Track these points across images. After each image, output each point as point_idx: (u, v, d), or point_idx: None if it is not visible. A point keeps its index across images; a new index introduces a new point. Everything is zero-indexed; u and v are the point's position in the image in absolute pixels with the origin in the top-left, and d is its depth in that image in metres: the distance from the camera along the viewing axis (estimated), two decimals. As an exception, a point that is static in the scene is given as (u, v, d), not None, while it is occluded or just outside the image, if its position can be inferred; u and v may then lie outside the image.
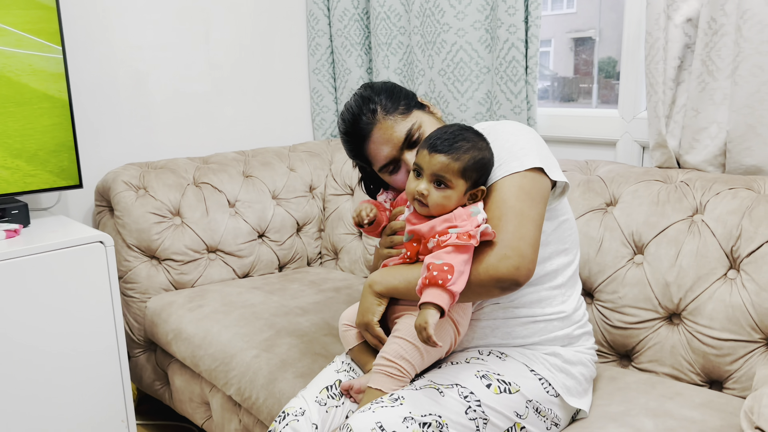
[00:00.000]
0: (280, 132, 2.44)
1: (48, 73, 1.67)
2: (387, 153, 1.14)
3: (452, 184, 1.05)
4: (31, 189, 1.69)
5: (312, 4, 2.40)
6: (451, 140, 1.05)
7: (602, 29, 2.36)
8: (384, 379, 1.05)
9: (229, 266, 1.99)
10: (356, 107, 1.16)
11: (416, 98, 1.20)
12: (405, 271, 1.09)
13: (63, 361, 1.58)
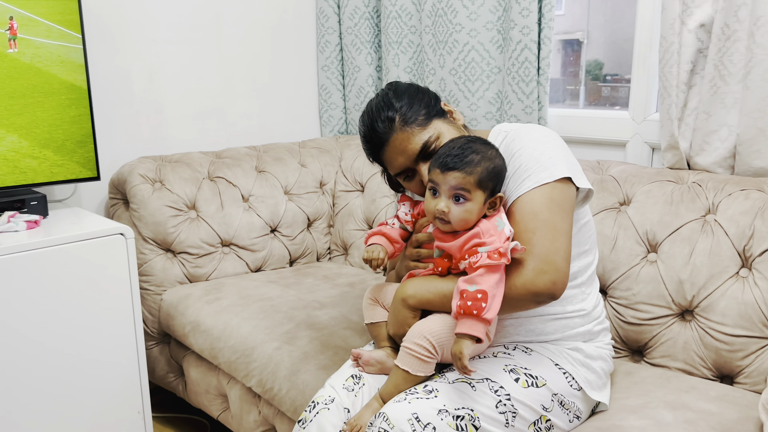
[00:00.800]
0: (288, 128, 2.46)
1: (72, 63, 1.68)
2: (402, 162, 1.15)
3: (470, 197, 1.06)
4: (55, 180, 1.70)
5: (322, 2, 2.42)
6: (461, 155, 1.06)
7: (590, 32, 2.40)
8: (412, 360, 1.06)
9: (242, 260, 2.02)
10: (376, 111, 1.16)
11: (439, 104, 1.18)
12: (438, 284, 1.10)
13: (81, 351, 1.59)
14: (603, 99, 2.30)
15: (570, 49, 2.43)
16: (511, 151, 1.13)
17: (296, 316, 1.62)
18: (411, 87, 1.19)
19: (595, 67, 2.34)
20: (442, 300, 1.08)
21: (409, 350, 1.07)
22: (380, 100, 1.17)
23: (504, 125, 1.22)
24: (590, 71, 2.32)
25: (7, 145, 1.62)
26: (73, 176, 1.73)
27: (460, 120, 1.21)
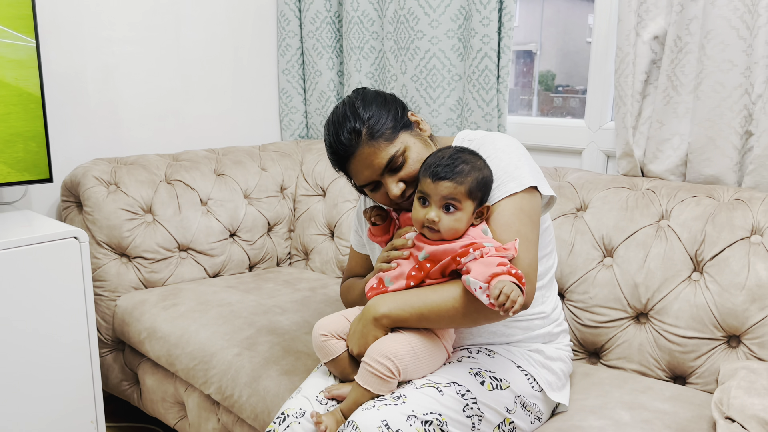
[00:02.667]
0: (248, 131, 2.43)
1: (20, 62, 1.62)
2: (367, 176, 1.14)
3: (461, 206, 1.07)
4: (4, 181, 1.63)
5: (283, 5, 2.40)
6: (452, 165, 1.07)
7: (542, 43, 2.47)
8: (373, 378, 1.04)
9: (200, 265, 1.97)
10: (342, 121, 1.13)
11: (406, 115, 1.17)
12: (413, 300, 1.07)
13: (32, 359, 1.53)
14: (555, 109, 2.36)
15: (523, 59, 2.49)
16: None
17: (257, 322, 1.59)
18: (379, 96, 1.16)
19: (547, 77, 2.39)
20: (418, 318, 1.06)
21: (371, 368, 1.05)
22: (347, 109, 1.14)
23: (467, 133, 1.23)
24: (542, 82, 2.38)
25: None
26: (16, 179, 1.66)
27: (427, 131, 1.20)
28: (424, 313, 1.06)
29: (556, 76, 2.42)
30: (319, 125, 2.45)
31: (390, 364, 1.04)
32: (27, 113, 1.65)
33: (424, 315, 1.06)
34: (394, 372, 1.04)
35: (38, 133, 1.67)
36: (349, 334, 1.14)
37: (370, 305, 1.10)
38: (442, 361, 1.12)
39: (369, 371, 1.05)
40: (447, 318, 1.07)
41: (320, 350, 1.16)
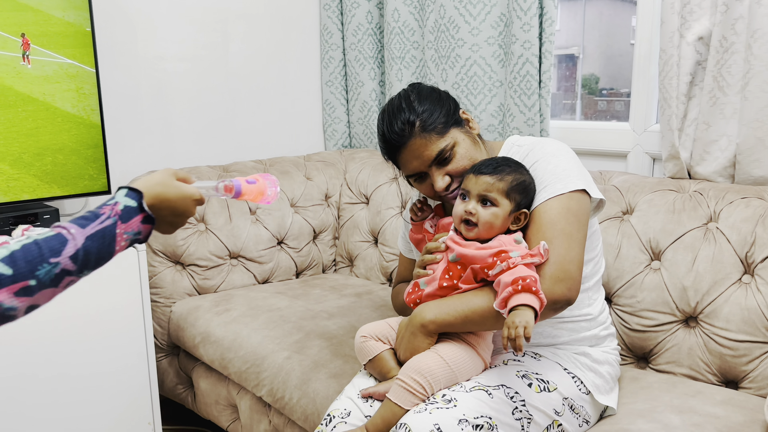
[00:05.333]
0: (293, 142, 2.49)
1: (79, 85, 1.71)
2: (416, 166, 1.18)
3: (498, 203, 1.10)
4: (65, 194, 1.73)
5: (326, 19, 2.46)
6: (495, 165, 1.13)
7: (585, 46, 2.45)
8: (405, 394, 1.06)
9: (250, 272, 2.04)
10: (397, 112, 1.17)
11: (458, 112, 1.21)
12: (457, 305, 1.09)
13: (92, 363, 1.61)
14: (599, 113, 2.34)
15: (566, 63, 2.48)
16: (527, 164, 1.17)
17: (305, 326, 1.64)
18: (433, 92, 1.21)
19: (590, 81, 2.38)
20: (463, 321, 1.08)
21: (404, 384, 1.06)
22: (402, 102, 1.18)
23: (516, 138, 1.26)
24: (586, 85, 2.37)
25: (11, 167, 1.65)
26: (83, 191, 1.76)
27: (476, 129, 1.24)
28: (468, 316, 1.08)
29: (599, 79, 2.40)
30: (362, 135, 2.49)
31: (423, 380, 1.06)
32: (81, 132, 1.75)
33: (469, 318, 1.08)
34: (426, 390, 1.06)
35: (93, 149, 1.77)
36: (397, 341, 1.16)
37: (416, 313, 1.13)
38: (478, 372, 1.13)
39: (402, 387, 1.06)
40: (492, 320, 1.08)
41: (359, 352, 1.20)
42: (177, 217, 0.87)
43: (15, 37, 1.61)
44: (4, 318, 0.67)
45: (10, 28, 1.60)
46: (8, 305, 0.67)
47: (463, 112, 1.23)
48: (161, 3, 2.10)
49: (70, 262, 0.72)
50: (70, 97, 1.71)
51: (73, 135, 1.72)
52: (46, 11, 1.64)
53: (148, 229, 0.83)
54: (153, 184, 0.84)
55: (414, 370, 1.07)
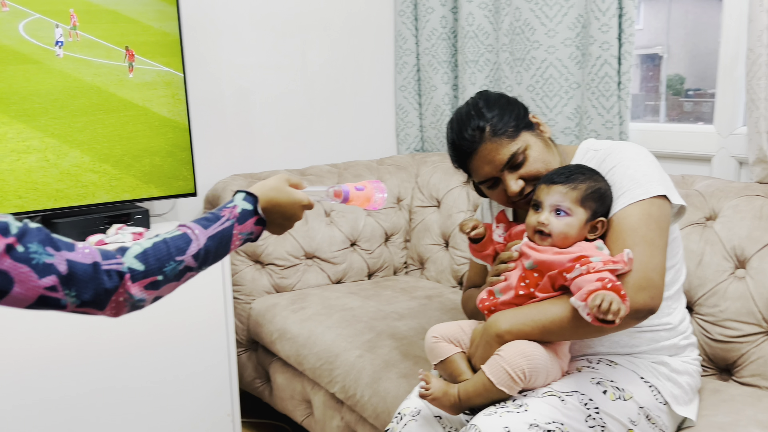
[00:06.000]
0: (366, 146, 2.55)
1: (169, 91, 1.83)
2: (488, 171, 1.18)
3: (572, 212, 1.08)
4: (157, 195, 1.85)
5: (400, 25, 2.50)
6: (568, 173, 1.11)
7: (670, 45, 2.35)
8: (502, 374, 1.04)
9: (324, 272, 2.10)
10: (466, 119, 1.18)
11: (528, 116, 1.20)
12: (533, 314, 1.08)
13: (178, 355, 1.71)
14: (685, 114, 2.25)
15: (649, 63, 2.40)
16: (604, 169, 1.15)
17: (376, 326, 1.67)
18: (502, 98, 1.21)
19: (676, 81, 2.29)
20: (541, 331, 1.07)
21: (506, 365, 1.05)
22: (470, 109, 1.19)
23: (592, 142, 1.24)
24: (671, 86, 2.28)
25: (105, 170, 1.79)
26: (171, 192, 1.88)
27: (547, 132, 1.23)
28: (546, 325, 1.07)
29: (685, 79, 2.32)
30: (434, 138, 2.51)
31: (525, 364, 1.04)
32: (175, 136, 1.86)
33: (546, 328, 1.07)
34: (526, 374, 1.04)
35: (180, 153, 1.88)
36: (471, 349, 1.16)
37: (491, 322, 1.12)
38: (557, 377, 1.11)
39: (502, 366, 1.05)
40: (570, 329, 1.06)
41: (430, 352, 1.19)
42: (286, 220, 0.94)
43: (120, 48, 1.75)
44: (134, 307, 0.75)
45: (115, 39, 1.74)
46: (138, 297, 0.74)
47: (533, 116, 1.22)
48: (245, 13, 2.21)
49: (192, 260, 0.79)
50: (166, 103, 1.83)
51: (169, 138, 1.85)
52: (146, 22, 1.78)
53: (260, 230, 0.89)
54: (267, 189, 0.90)
55: (517, 354, 1.05)
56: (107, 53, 1.73)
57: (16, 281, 0.67)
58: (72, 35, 1.69)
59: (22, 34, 1.61)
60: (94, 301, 0.73)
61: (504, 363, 1.05)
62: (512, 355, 1.06)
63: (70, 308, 0.72)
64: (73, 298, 0.71)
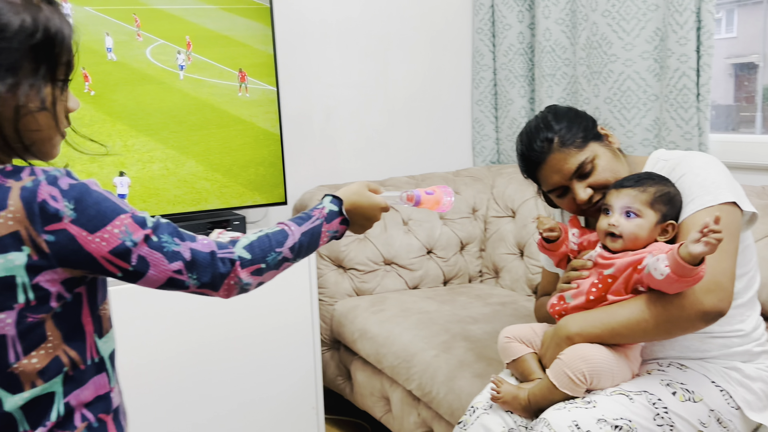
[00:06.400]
0: (442, 158, 2.64)
1: (263, 106, 2.01)
2: (557, 180, 1.23)
3: (642, 214, 1.12)
4: (252, 204, 2.03)
5: (478, 42, 2.59)
6: (637, 178, 1.16)
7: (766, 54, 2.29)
8: (564, 377, 1.10)
9: (401, 278, 2.21)
10: (534, 131, 1.24)
11: (596, 128, 1.26)
12: (603, 317, 1.12)
13: (267, 351, 1.86)
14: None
15: (744, 73, 2.35)
16: (674, 178, 1.19)
17: (452, 329, 1.76)
18: (570, 111, 1.27)
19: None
20: (611, 333, 1.11)
21: (566, 368, 1.10)
22: (539, 122, 1.25)
23: (662, 152, 1.27)
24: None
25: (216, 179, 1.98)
26: (264, 201, 2.05)
27: (616, 143, 1.27)
28: (615, 328, 1.11)
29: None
30: (510, 151, 2.57)
31: (584, 368, 1.09)
32: (268, 148, 2.03)
33: (615, 330, 1.11)
34: (587, 376, 1.10)
35: (277, 164, 2.05)
36: (542, 350, 1.22)
37: (561, 324, 1.17)
38: (626, 380, 1.14)
39: (563, 369, 1.11)
40: (639, 330, 1.10)
41: (503, 351, 1.26)
42: (366, 220, 1.05)
43: (233, 70, 1.95)
44: (242, 290, 0.88)
45: (229, 61, 1.94)
46: (246, 281, 0.87)
47: (601, 128, 1.26)
48: (333, 35, 2.37)
49: (289, 252, 0.92)
50: (269, 118, 2.01)
51: (271, 150, 2.02)
52: (253, 45, 1.97)
53: (344, 229, 1.01)
54: (351, 194, 1.03)
55: (577, 358, 1.10)
56: (220, 74, 1.93)
57: (151, 265, 0.81)
58: (189, 58, 1.90)
59: (149, 58, 1.84)
60: (211, 283, 0.85)
61: (564, 366, 1.11)
62: (572, 358, 1.11)
63: (192, 289, 0.85)
64: (194, 281, 0.84)
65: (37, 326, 0.75)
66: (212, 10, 1.93)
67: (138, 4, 1.82)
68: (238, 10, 1.96)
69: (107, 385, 0.84)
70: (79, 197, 0.75)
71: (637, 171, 1.27)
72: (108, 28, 1.78)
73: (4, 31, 0.73)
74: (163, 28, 1.85)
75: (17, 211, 0.72)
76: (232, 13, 1.96)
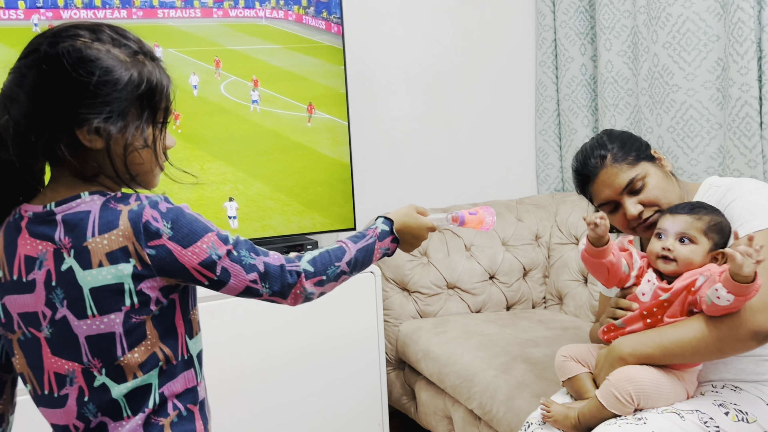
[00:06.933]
0: (505, 186, 2.71)
1: (335, 139, 2.17)
2: (607, 195, 1.29)
3: (696, 240, 1.17)
4: (324, 230, 2.18)
5: (541, 74, 2.67)
6: (691, 206, 1.21)
7: None
8: (611, 398, 1.14)
9: (464, 302, 2.29)
10: (589, 150, 1.33)
11: (649, 150, 1.32)
12: (656, 337, 1.16)
13: (336, 370, 1.98)
14: None
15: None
16: (724, 203, 1.23)
17: (512, 351, 1.81)
18: (624, 133, 1.35)
19: None
20: (663, 353, 1.14)
21: (612, 388, 1.15)
22: (595, 142, 1.34)
23: (714, 179, 1.32)
24: None
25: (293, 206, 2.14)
26: (335, 227, 2.20)
27: (669, 167, 1.33)
28: (667, 347, 1.14)
29: None
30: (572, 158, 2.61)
31: (631, 389, 1.14)
32: (340, 179, 2.18)
33: (668, 349, 1.14)
34: (633, 397, 1.14)
35: (347, 192, 2.19)
36: (596, 370, 1.27)
37: (614, 345, 1.21)
38: (681, 399, 1.18)
39: (610, 390, 1.16)
40: (692, 350, 1.14)
41: (559, 369, 1.32)
42: (415, 239, 1.16)
43: (302, 104, 2.14)
44: (306, 299, 1.00)
45: (298, 95, 2.13)
46: (310, 291, 0.99)
47: (654, 151, 1.33)
48: (399, 72, 2.52)
49: (346, 266, 1.03)
50: (332, 149, 2.17)
51: (335, 181, 2.18)
52: (319, 81, 2.15)
53: (395, 247, 1.12)
54: (401, 215, 1.14)
55: (624, 379, 1.15)
56: (287, 106, 2.11)
57: (232, 275, 0.94)
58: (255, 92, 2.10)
59: (223, 92, 2.04)
60: (281, 292, 0.97)
61: (612, 387, 1.15)
62: (619, 379, 1.15)
63: (265, 297, 0.98)
64: (267, 289, 0.96)
65: (139, 326, 0.89)
66: (290, 50, 2.13)
67: (216, 45, 2.03)
68: (312, 51, 2.14)
69: (195, 380, 0.97)
70: (175, 218, 0.89)
71: (690, 196, 1.32)
72: (192, 69, 2.00)
73: (117, 84, 0.88)
74: (237, 66, 2.05)
75: (126, 230, 0.87)
76: (309, 54, 2.14)
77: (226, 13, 2.05)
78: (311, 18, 2.14)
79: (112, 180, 0.93)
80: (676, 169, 2.11)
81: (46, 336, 0.90)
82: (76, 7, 1.84)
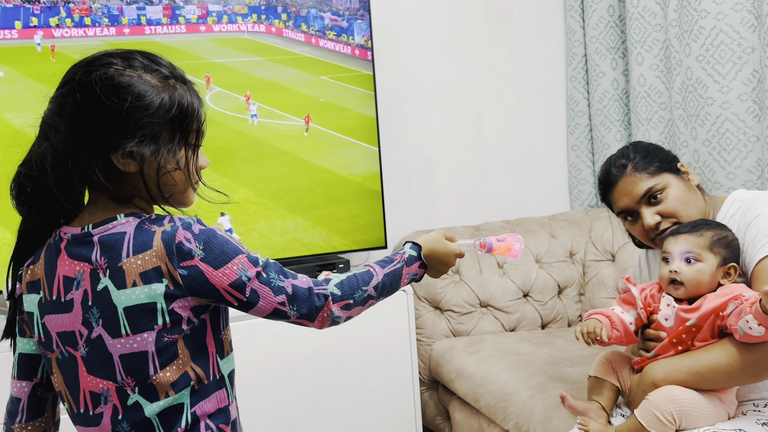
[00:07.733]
0: (538, 203, 2.69)
1: (367, 161, 2.19)
2: (625, 203, 1.29)
3: (702, 258, 1.15)
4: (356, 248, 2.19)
5: (572, 90, 2.66)
6: (693, 224, 1.20)
7: None
8: (652, 418, 1.13)
9: (498, 320, 2.26)
10: (613, 160, 1.34)
11: (675, 163, 1.31)
12: (688, 363, 1.14)
13: (369, 390, 1.97)
14: None
15: None
16: (748, 219, 1.20)
17: (548, 370, 1.78)
18: (651, 145, 1.35)
19: None
20: (696, 378, 1.13)
21: (653, 407, 1.13)
22: (619, 152, 1.35)
23: (740, 192, 1.30)
24: None
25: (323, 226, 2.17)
26: (367, 246, 2.21)
27: (695, 181, 1.31)
28: (700, 372, 1.13)
29: None
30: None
31: (672, 408, 1.12)
32: (371, 199, 2.20)
33: (700, 374, 1.12)
34: (675, 417, 1.12)
35: (378, 212, 2.21)
36: (630, 396, 1.25)
37: (647, 371, 1.20)
38: (722, 419, 1.15)
39: (650, 410, 1.14)
40: (725, 374, 1.12)
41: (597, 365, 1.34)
42: (443, 265, 1.16)
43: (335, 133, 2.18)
44: (333, 322, 1.00)
45: (330, 123, 2.17)
46: (337, 314, 1.00)
47: (681, 164, 1.31)
48: (429, 93, 2.54)
49: (373, 291, 1.04)
50: (364, 171, 2.20)
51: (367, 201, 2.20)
52: (353, 109, 2.19)
53: (422, 273, 1.12)
54: (429, 241, 1.14)
55: (665, 399, 1.13)
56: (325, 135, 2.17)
57: (261, 297, 0.95)
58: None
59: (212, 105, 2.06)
60: (308, 315, 0.98)
61: (652, 407, 1.14)
62: (659, 399, 1.14)
63: (292, 319, 0.99)
64: (294, 312, 0.97)
65: (171, 345, 0.91)
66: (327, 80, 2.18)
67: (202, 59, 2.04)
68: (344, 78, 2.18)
69: (226, 400, 0.98)
70: (207, 240, 0.91)
71: (716, 210, 1.30)
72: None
73: (149, 108, 0.91)
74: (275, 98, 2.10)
75: (159, 250, 0.89)
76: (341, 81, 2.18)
77: (210, 28, 2.04)
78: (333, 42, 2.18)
79: (147, 201, 0.96)
80: (713, 183, 2.06)
81: (82, 355, 0.93)
82: (67, 27, 1.87)
